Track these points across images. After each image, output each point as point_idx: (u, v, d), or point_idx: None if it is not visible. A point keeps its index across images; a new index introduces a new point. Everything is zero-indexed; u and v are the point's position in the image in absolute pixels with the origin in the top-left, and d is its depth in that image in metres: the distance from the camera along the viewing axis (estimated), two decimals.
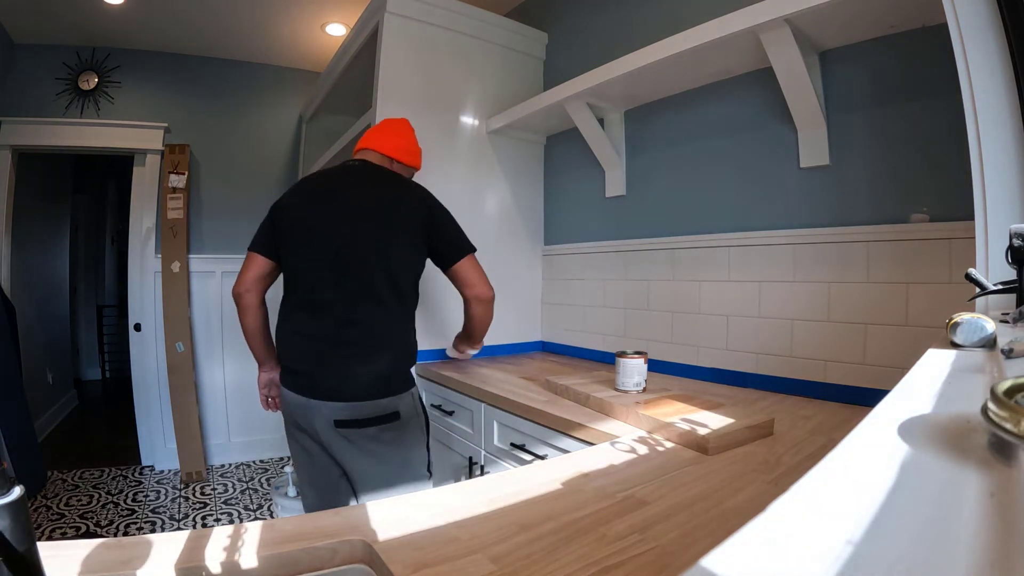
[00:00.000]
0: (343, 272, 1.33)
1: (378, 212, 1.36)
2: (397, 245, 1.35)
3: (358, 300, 1.33)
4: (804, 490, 0.21)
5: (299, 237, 1.40)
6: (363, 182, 1.43)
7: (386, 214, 1.36)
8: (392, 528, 0.67)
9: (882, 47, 1.32)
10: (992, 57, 0.85)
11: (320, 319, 1.34)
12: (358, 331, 1.32)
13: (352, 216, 1.36)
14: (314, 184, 1.48)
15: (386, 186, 1.42)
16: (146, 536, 0.63)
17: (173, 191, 3.18)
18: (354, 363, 1.30)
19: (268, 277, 1.47)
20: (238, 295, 1.46)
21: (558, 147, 2.41)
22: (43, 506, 2.66)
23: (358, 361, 1.30)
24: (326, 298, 1.34)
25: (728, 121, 1.69)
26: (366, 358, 1.31)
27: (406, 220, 1.37)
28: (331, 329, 1.33)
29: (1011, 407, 0.25)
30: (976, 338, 0.57)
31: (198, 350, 3.33)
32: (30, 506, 0.46)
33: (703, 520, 0.70)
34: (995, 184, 0.86)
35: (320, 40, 3.20)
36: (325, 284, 1.34)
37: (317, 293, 1.35)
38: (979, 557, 0.16)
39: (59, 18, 2.80)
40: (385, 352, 1.33)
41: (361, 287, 1.33)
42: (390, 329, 1.36)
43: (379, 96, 2.01)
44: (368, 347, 1.32)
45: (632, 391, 1.35)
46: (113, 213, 5.67)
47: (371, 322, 1.33)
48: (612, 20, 2.12)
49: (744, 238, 1.62)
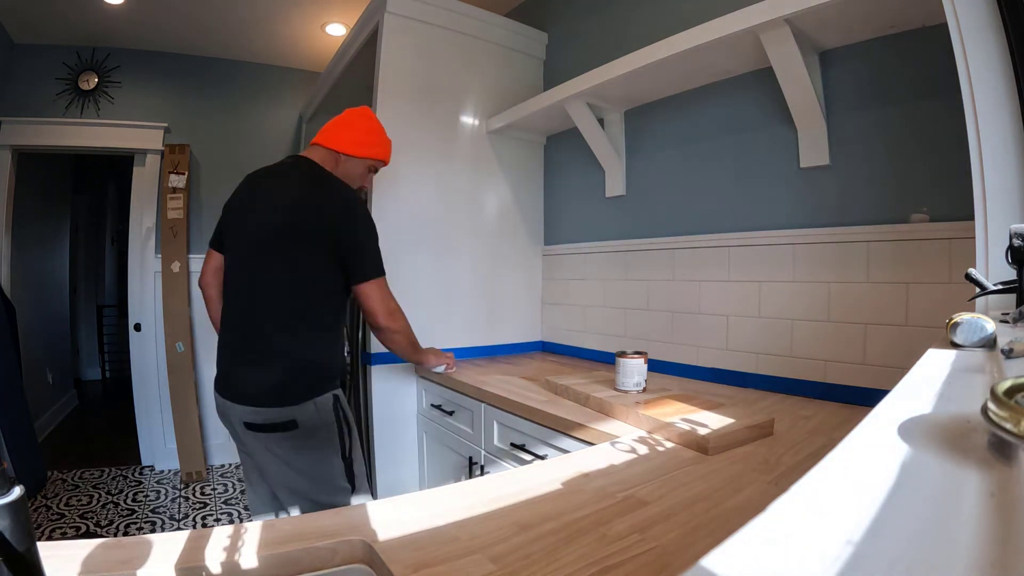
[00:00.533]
0: (251, 276, 1.33)
1: (292, 217, 1.32)
2: (305, 254, 1.30)
3: (262, 306, 1.32)
4: (804, 490, 0.21)
5: (227, 235, 1.43)
6: (289, 183, 1.38)
7: (300, 220, 1.31)
8: (392, 528, 0.67)
9: (882, 47, 1.32)
10: (992, 57, 0.85)
11: (232, 320, 1.38)
12: (257, 338, 1.31)
13: (267, 219, 1.34)
14: (251, 181, 1.47)
15: (309, 190, 1.36)
16: (146, 536, 0.63)
17: (173, 191, 3.18)
18: (252, 369, 1.30)
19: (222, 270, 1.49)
20: (201, 286, 1.54)
21: (558, 147, 2.41)
22: (43, 506, 2.66)
23: (255, 368, 1.30)
24: (238, 301, 1.36)
25: (728, 121, 1.69)
26: (262, 366, 1.29)
27: (319, 229, 1.30)
28: (239, 332, 1.35)
29: (1011, 407, 0.25)
30: (976, 338, 0.57)
31: (198, 350, 3.33)
32: (30, 506, 0.46)
33: (703, 520, 0.70)
34: (995, 184, 0.86)
35: (320, 40, 3.20)
36: (238, 285, 1.36)
37: (231, 294, 1.38)
38: (979, 557, 0.16)
39: (59, 18, 2.80)
40: (280, 361, 1.29)
41: (266, 293, 1.31)
42: (290, 339, 1.31)
43: (379, 96, 2.01)
44: (265, 355, 1.30)
45: (632, 391, 1.35)
46: (113, 213, 5.66)
47: (270, 330, 1.31)
48: (612, 20, 2.12)
49: (744, 238, 1.62)
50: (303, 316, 1.32)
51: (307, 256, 1.30)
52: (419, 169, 2.09)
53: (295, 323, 1.31)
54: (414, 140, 2.08)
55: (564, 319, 2.34)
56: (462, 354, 2.18)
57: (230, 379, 1.34)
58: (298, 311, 1.32)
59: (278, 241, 1.31)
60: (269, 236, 1.32)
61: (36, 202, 3.82)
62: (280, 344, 1.30)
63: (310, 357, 1.33)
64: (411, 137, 2.07)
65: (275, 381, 1.28)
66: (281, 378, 1.29)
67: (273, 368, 1.29)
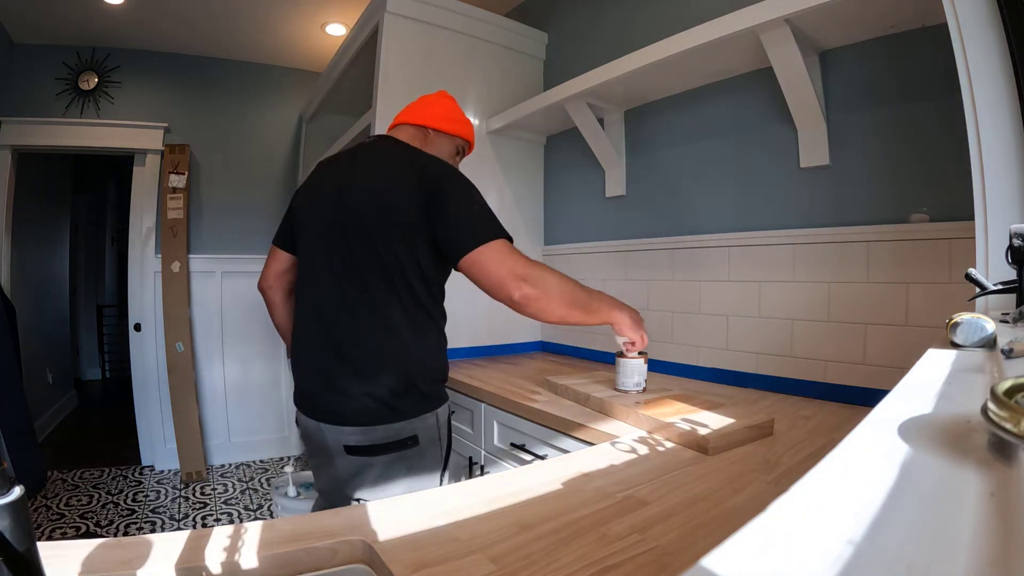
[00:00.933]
0: (341, 275, 1.13)
1: (374, 195, 1.13)
2: (392, 234, 1.10)
3: (357, 309, 1.12)
4: (804, 490, 0.21)
5: (301, 227, 1.25)
6: (367, 159, 1.20)
7: (381, 197, 1.12)
8: (392, 528, 0.67)
9: (882, 47, 1.32)
10: (992, 57, 0.85)
11: (318, 329, 1.17)
12: (357, 345, 1.11)
13: (346, 201, 1.15)
14: (323, 166, 1.30)
15: (388, 160, 1.17)
16: (146, 536, 0.62)
17: (173, 191, 3.18)
18: (355, 382, 1.10)
19: (292, 271, 1.33)
20: (261, 291, 1.37)
21: (558, 147, 2.41)
22: (43, 506, 2.66)
23: (359, 380, 1.10)
24: (325, 307, 1.16)
25: (728, 121, 1.69)
26: (367, 378, 1.10)
27: (402, 202, 1.10)
28: (330, 341, 1.14)
29: (1011, 407, 0.25)
30: (976, 338, 0.57)
31: (198, 350, 3.33)
32: (30, 506, 0.46)
33: (703, 520, 0.70)
34: (995, 184, 0.86)
35: (320, 40, 3.20)
36: (323, 288, 1.16)
37: (312, 299, 1.19)
38: (979, 557, 0.16)
39: (59, 18, 2.80)
40: (390, 369, 1.10)
41: (361, 293, 1.11)
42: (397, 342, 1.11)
43: (379, 96, 2.01)
44: (370, 364, 1.10)
45: (632, 391, 1.35)
46: (113, 213, 5.67)
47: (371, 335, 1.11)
48: (612, 20, 2.12)
49: (744, 238, 1.62)
50: (408, 314, 1.12)
51: (406, 243, 1.10)
52: None
53: (400, 323, 1.11)
54: None
55: None
56: (462, 354, 2.19)
57: (323, 398, 1.14)
58: (402, 309, 1.12)
59: (371, 231, 1.11)
60: (359, 226, 1.12)
61: (36, 202, 3.82)
62: (387, 349, 1.11)
63: (422, 360, 1.14)
64: None
65: (387, 393, 1.09)
66: (393, 388, 1.10)
67: (383, 378, 1.09)
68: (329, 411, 1.12)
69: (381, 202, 1.11)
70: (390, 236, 1.10)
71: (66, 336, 4.78)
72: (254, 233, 3.50)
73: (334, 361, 1.13)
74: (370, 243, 1.11)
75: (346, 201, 1.16)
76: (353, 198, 1.15)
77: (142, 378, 3.25)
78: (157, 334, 3.23)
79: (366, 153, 1.22)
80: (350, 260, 1.13)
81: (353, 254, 1.12)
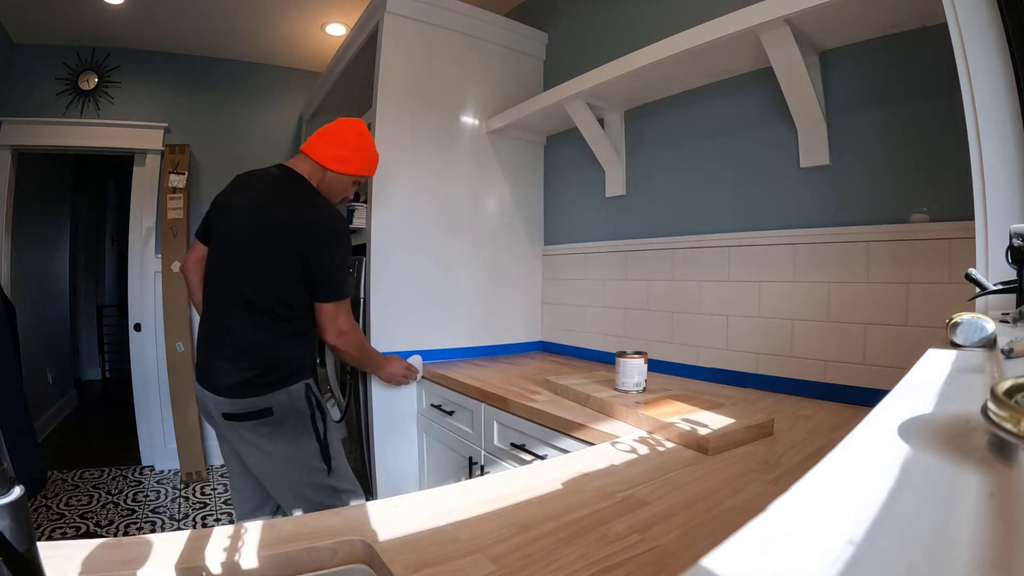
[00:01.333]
0: (228, 274, 1.42)
1: (270, 228, 1.40)
2: (278, 264, 1.38)
3: (233, 304, 1.40)
4: (804, 490, 0.21)
5: (213, 230, 1.51)
6: (273, 194, 1.45)
7: (276, 232, 1.39)
8: (392, 528, 0.67)
9: (882, 47, 1.32)
10: (992, 57, 0.85)
11: (208, 314, 1.47)
12: (230, 334, 1.40)
13: (247, 224, 1.42)
14: (239, 182, 1.53)
15: (291, 205, 1.43)
16: (146, 536, 0.63)
17: (173, 191, 3.18)
18: (226, 363, 1.39)
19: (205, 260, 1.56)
20: (183, 272, 1.63)
21: (558, 147, 2.41)
22: (43, 506, 2.66)
23: (228, 362, 1.39)
24: (215, 296, 1.45)
25: (728, 121, 1.69)
26: (234, 361, 1.38)
27: (293, 245, 1.38)
28: (214, 326, 1.44)
29: (1011, 407, 0.25)
30: (976, 338, 0.57)
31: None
32: (30, 506, 0.46)
33: (703, 520, 0.70)
34: (995, 184, 0.86)
35: (320, 40, 3.20)
36: (216, 280, 1.46)
37: (209, 288, 1.48)
38: (979, 557, 0.16)
39: (59, 18, 2.80)
40: (249, 358, 1.38)
41: (238, 293, 1.39)
42: (260, 338, 1.39)
43: (379, 96, 2.01)
44: (237, 350, 1.39)
45: (632, 391, 1.35)
46: (113, 213, 5.66)
47: (241, 328, 1.39)
48: (612, 20, 2.12)
49: (744, 238, 1.62)
50: (274, 318, 1.40)
51: (280, 265, 1.38)
52: (419, 169, 2.09)
53: (266, 323, 1.40)
54: (414, 140, 2.08)
55: (564, 319, 2.34)
56: (463, 354, 2.19)
57: (207, 371, 1.42)
58: (270, 313, 1.39)
59: (256, 246, 1.39)
60: (248, 239, 1.41)
61: (36, 202, 3.82)
62: (250, 341, 1.39)
63: (280, 355, 1.41)
64: (411, 137, 2.07)
65: (246, 377, 1.37)
66: (251, 374, 1.38)
67: (244, 363, 1.38)
68: (211, 384, 1.40)
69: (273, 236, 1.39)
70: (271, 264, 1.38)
71: (66, 336, 4.77)
72: None
73: (215, 345, 1.42)
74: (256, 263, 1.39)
75: (247, 221, 1.42)
76: (252, 221, 1.42)
77: (142, 378, 3.25)
78: (157, 334, 3.23)
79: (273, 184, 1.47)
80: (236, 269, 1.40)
81: (240, 265, 1.40)
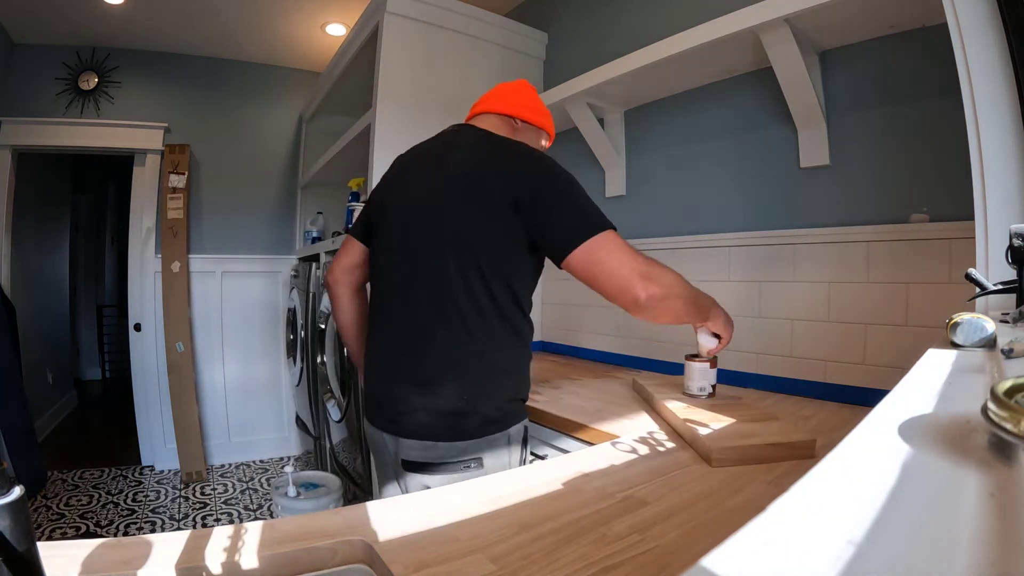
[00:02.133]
0: (416, 269, 1.03)
1: (461, 189, 1.01)
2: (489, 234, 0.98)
3: (431, 306, 1.00)
4: (804, 490, 0.21)
5: (381, 220, 1.14)
6: (462, 152, 1.07)
7: (469, 191, 1.00)
8: (392, 528, 0.67)
9: (882, 47, 1.32)
10: (992, 57, 0.85)
11: (389, 327, 1.08)
12: (427, 347, 1.00)
13: (429, 195, 1.05)
14: (410, 158, 1.19)
15: (479, 151, 1.05)
16: (146, 536, 0.62)
17: (173, 191, 3.18)
18: (419, 391, 1.00)
19: (362, 267, 1.22)
20: (327, 284, 1.26)
21: (558, 147, 2.40)
22: (43, 506, 2.66)
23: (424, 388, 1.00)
24: (397, 302, 1.06)
25: (728, 121, 1.69)
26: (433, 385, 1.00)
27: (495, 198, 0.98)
28: (398, 342, 1.05)
29: (1011, 407, 0.25)
30: (976, 338, 0.57)
31: (198, 350, 3.33)
32: (30, 506, 0.46)
33: (703, 520, 0.70)
34: (995, 184, 0.86)
35: (320, 40, 3.20)
36: (397, 281, 1.06)
37: (386, 294, 1.09)
38: (979, 557, 0.16)
39: (59, 18, 2.80)
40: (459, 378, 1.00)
41: (437, 288, 1.00)
42: (471, 346, 1.00)
43: (379, 96, 2.01)
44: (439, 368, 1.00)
45: (697, 395, 1.28)
46: (113, 213, 5.66)
47: (444, 336, 1.00)
48: (612, 20, 2.12)
49: (744, 238, 1.62)
50: (488, 314, 1.00)
51: (492, 236, 0.98)
52: None
53: (478, 324, 0.99)
54: (414, 140, 2.06)
55: (564, 319, 2.34)
56: None
57: (386, 404, 1.05)
58: (481, 309, 0.99)
59: (453, 221, 1.00)
60: (440, 217, 1.01)
61: (36, 202, 3.81)
62: (459, 354, 0.99)
63: (500, 369, 1.03)
64: (411, 137, 2.05)
65: (453, 406, 0.98)
66: (461, 401, 0.99)
67: (450, 387, 0.99)
68: (389, 420, 1.04)
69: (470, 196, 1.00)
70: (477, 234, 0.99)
71: (66, 336, 4.77)
72: (254, 233, 3.51)
73: (399, 365, 1.04)
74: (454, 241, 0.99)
75: (432, 195, 1.04)
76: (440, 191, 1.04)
77: (142, 378, 3.25)
78: (157, 334, 3.22)
79: (452, 143, 1.11)
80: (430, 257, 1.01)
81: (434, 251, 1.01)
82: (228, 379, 3.44)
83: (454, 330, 0.99)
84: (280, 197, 3.60)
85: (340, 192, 3.05)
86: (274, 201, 3.58)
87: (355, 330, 1.26)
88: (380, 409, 1.07)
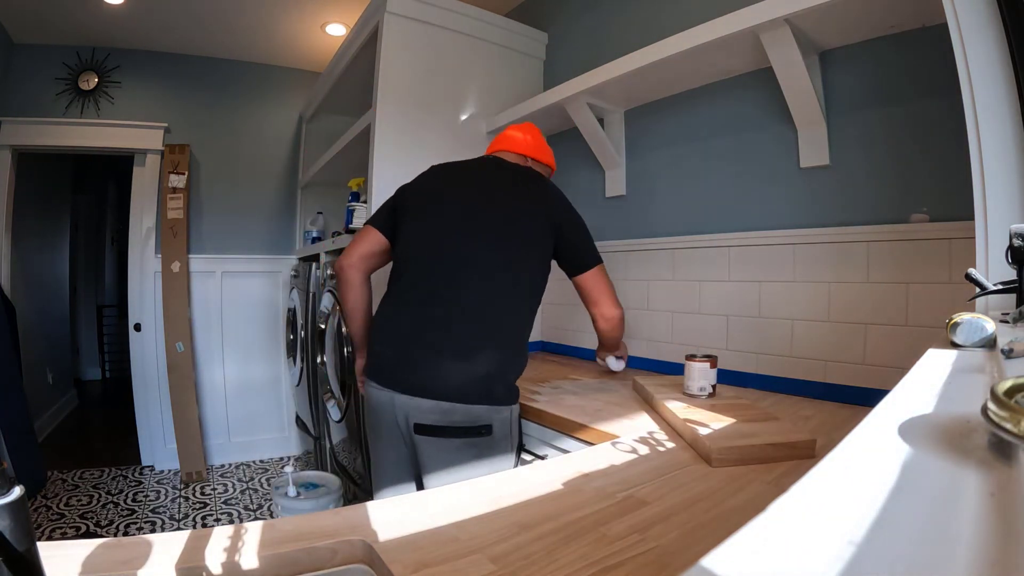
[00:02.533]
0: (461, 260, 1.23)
1: (512, 209, 1.28)
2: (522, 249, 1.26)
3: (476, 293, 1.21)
4: (804, 490, 0.21)
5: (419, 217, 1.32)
6: (502, 176, 1.36)
7: (515, 207, 1.28)
8: (392, 528, 0.67)
9: (882, 47, 1.32)
10: (992, 57, 0.85)
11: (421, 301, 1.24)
12: (466, 323, 1.19)
13: (482, 201, 1.29)
14: (446, 170, 1.42)
15: (525, 182, 1.34)
16: (146, 536, 0.62)
17: (173, 191, 3.18)
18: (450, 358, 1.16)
19: (377, 256, 1.38)
20: (341, 268, 1.37)
21: (558, 147, 2.39)
22: (43, 506, 2.66)
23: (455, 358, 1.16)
24: (437, 282, 1.24)
25: (728, 121, 1.69)
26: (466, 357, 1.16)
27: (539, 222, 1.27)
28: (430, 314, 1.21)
29: (1011, 407, 0.25)
30: (976, 338, 0.57)
31: (198, 350, 3.33)
32: (30, 506, 0.46)
33: (703, 520, 0.70)
34: (995, 184, 0.85)
35: (320, 40, 3.20)
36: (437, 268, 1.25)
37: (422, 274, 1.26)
38: (979, 557, 0.16)
39: (59, 18, 2.80)
40: (493, 355, 1.18)
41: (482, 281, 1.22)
42: (502, 333, 1.21)
43: (379, 96, 2.01)
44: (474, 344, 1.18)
45: (698, 395, 1.29)
46: (113, 213, 5.66)
47: (484, 319, 1.19)
48: (612, 20, 2.12)
49: (744, 238, 1.62)
50: (515, 311, 1.25)
51: (525, 250, 1.26)
52: (419, 169, 2.07)
53: (508, 318, 1.23)
54: (414, 140, 2.08)
55: (564, 319, 2.34)
56: None
57: (406, 367, 1.19)
58: (511, 307, 1.24)
59: (498, 232, 1.25)
60: (485, 225, 1.26)
61: (36, 202, 3.81)
62: (494, 336, 1.20)
63: (517, 357, 1.26)
64: (411, 137, 2.07)
65: (483, 374, 1.16)
66: (489, 372, 1.16)
67: (482, 360, 1.16)
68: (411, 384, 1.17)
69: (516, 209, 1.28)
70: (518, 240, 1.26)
71: (66, 336, 4.77)
72: (254, 233, 3.51)
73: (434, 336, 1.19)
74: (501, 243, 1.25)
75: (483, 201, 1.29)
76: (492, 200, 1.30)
77: (142, 378, 3.25)
78: (157, 334, 3.22)
79: (489, 164, 1.40)
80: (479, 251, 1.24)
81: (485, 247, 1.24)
82: (228, 379, 3.44)
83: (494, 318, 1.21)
84: (280, 197, 3.60)
85: (340, 192, 3.05)
86: (274, 201, 3.58)
87: (363, 313, 1.41)
88: (398, 371, 1.20)
